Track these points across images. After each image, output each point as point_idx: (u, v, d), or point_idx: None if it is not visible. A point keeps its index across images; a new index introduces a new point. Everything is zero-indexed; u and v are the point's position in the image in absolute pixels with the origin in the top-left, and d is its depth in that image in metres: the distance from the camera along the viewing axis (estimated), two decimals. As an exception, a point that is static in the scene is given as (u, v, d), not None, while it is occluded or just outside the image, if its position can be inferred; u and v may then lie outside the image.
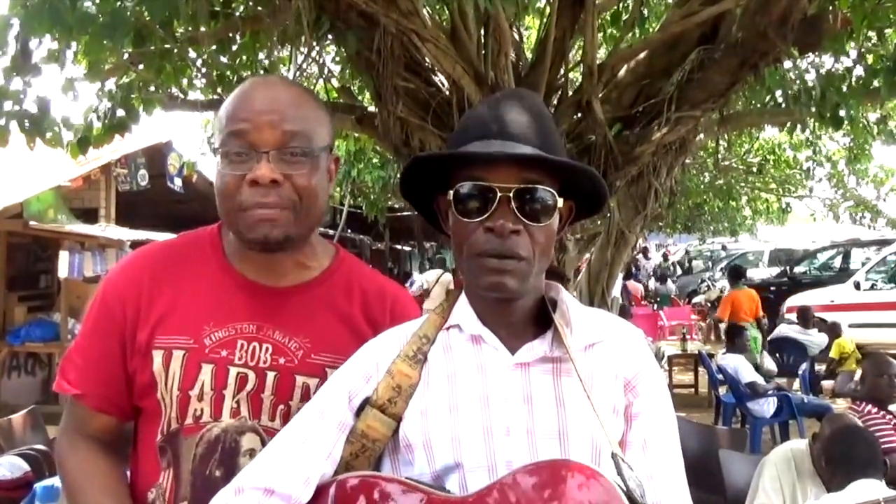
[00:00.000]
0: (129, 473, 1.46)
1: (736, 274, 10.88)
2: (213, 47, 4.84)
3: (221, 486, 1.26)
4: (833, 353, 9.03)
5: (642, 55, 4.86)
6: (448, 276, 11.87)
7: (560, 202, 1.19)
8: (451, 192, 1.19)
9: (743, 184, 14.60)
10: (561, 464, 1.06)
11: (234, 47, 4.95)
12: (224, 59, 5.06)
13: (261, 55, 5.17)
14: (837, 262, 16.20)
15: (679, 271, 23.34)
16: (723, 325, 10.49)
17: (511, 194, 1.14)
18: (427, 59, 4.51)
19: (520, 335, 1.22)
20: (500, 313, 1.22)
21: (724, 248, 25.45)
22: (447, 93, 4.53)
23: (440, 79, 4.67)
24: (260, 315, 1.38)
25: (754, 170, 13.36)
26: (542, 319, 1.24)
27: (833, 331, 9.52)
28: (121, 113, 4.71)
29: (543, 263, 1.21)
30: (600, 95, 4.68)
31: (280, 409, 1.35)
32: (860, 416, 4.26)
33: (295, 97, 1.35)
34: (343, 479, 1.17)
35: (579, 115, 4.79)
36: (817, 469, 3.29)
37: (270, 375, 1.36)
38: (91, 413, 1.41)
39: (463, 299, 1.27)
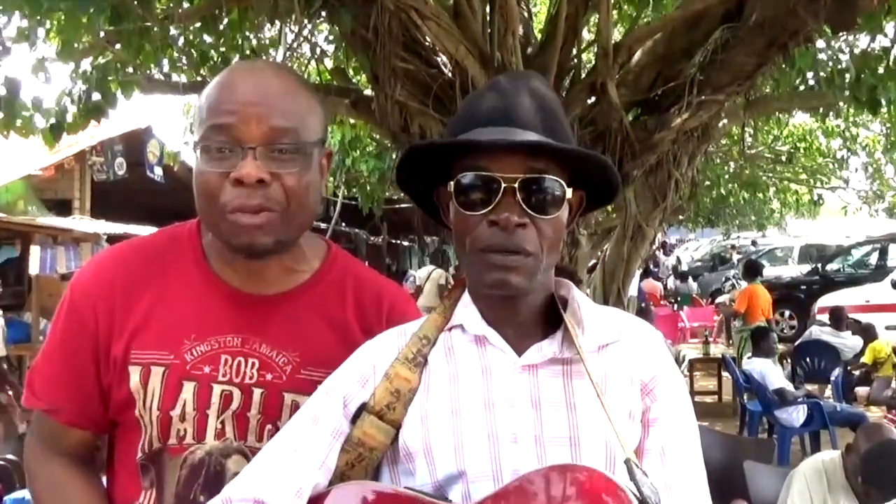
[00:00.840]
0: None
1: (752, 269, 10.82)
2: (198, 25, 4.85)
3: None
4: (866, 358, 9.02)
5: (661, 34, 4.86)
6: (439, 272, 11.88)
7: (569, 193, 1.19)
8: (452, 184, 1.18)
9: (771, 174, 14.59)
10: (568, 468, 1.06)
11: (221, 26, 4.95)
12: (209, 39, 5.06)
13: (249, 34, 5.18)
14: (873, 259, 16.16)
15: (685, 267, 23.33)
16: (736, 323, 10.48)
17: (516, 185, 1.14)
18: (428, 39, 4.52)
19: (527, 335, 1.21)
20: (506, 312, 1.22)
21: (753, 243, 25.40)
22: (450, 75, 4.53)
23: (442, 60, 4.67)
24: (245, 327, 1.36)
25: (783, 159, 13.35)
26: (551, 318, 1.24)
27: (867, 333, 9.50)
28: (96, 97, 4.71)
29: (552, 258, 1.20)
30: (616, 78, 4.68)
31: (268, 429, 1.34)
32: (897, 426, 4.27)
33: (285, 86, 1.31)
34: (338, 488, 1.18)
35: (593, 99, 4.80)
36: (851, 483, 3.30)
37: (257, 393, 1.34)
38: (63, 428, 1.40)
39: (466, 298, 1.27)
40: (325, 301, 1.41)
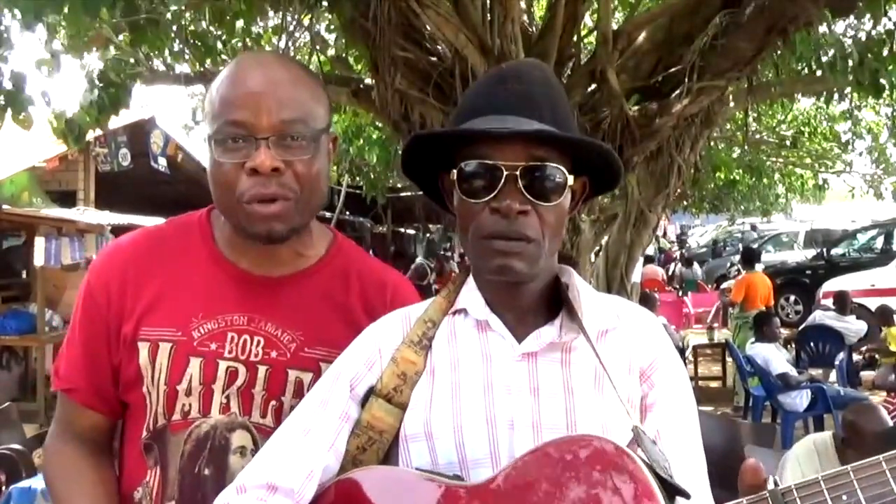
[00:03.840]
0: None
1: (749, 256, 10.76)
2: (202, 17, 4.86)
3: (210, 484, 1.31)
4: (893, 345, 8.77)
5: (661, 20, 4.87)
6: None
7: (571, 180, 1.22)
8: (455, 172, 1.22)
9: (775, 158, 14.53)
10: (578, 439, 1.08)
11: (228, 16, 4.96)
12: (213, 29, 5.08)
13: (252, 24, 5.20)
14: (879, 243, 16.16)
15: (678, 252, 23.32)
16: (733, 311, 10.46)
17: (518, 173, 1.17)
18: (427, 27, 4.53)
19: (529, 321, 1.25)
20: (508, 297, 1.25)
21: (753, 228, 25.36)
22: (449, 63, 4.54)
23: (442, 48, 4.68)
24: (251, 306, 1.41)
25: (788, 143, 13.29)
26: (553, 304, 1.27)
27: (885, 317, 9.33)
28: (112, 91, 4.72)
29: (554, 245, 1.24)
30: (616, 64, 4.69)
31: (272, 405, 1.39)
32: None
33: (292, 77, 1.37)
34: (350, 474, 1.21)
35: (593, 86, 4.81)
36: (841, 460, 3.36)
37: (262, 369, 1.39)
38: (79, 409, 1.46)
39: (470, 283, 1.30)
40: (331, 284, 1.47)
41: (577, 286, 1.28)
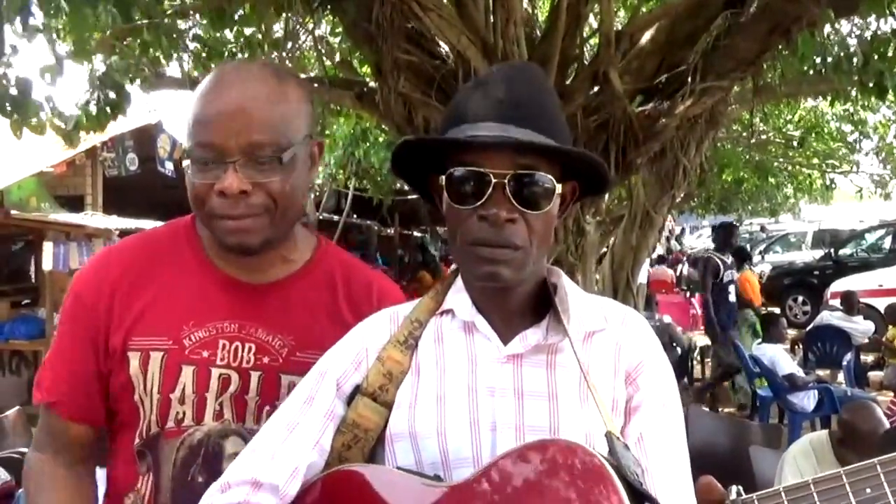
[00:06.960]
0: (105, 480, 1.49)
1: (741, 255, 10.69)
2: (205, 20, 4.87)
3: (204, 492, 1.29)
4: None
5: (664, 21, 4.85)
6: None
7: (559, 188, 1.21)
8: (444, 177, 1.21)
9: (782, 159, 14.49)
10: (548, 444, 1.09)
11: (236, 16, 4.97)
12: (218, 34, 5.09)
13: (253, 29, 5.21)
14: (887, 243, 16.11)
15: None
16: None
17: (506, 181, 1.17)
18: (430, 30, 4.53)
19: (515, 323, 1.25)
20: (495, 300, 1.25)
21: (762, 229, 25.30)
22: (452, 66, 4.54)
23: (445, 50, 4.68)
24: (241, 313, 1.41)
25: (795, 143, 13.25)
26: (540, 305, 1.27)
27: (894, 317, 9.33)
28: (112, 95, 4.73)
29: (542, 250, 1.24)
30: (619, 66, 4.68)
31: (266, 411, 1.39)
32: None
33: (267, 93, 1.33)
34: (333, 471, 1.22)
35: (597, 87, 4.79)
36: (838, 457, 3.38)
37: (254, 376, 1.40)
38: (63, 423, 1.44)
39: (458, 283, 1.30)
40: (318, 288, 1.47)
41: (564, 287, 1.28)
